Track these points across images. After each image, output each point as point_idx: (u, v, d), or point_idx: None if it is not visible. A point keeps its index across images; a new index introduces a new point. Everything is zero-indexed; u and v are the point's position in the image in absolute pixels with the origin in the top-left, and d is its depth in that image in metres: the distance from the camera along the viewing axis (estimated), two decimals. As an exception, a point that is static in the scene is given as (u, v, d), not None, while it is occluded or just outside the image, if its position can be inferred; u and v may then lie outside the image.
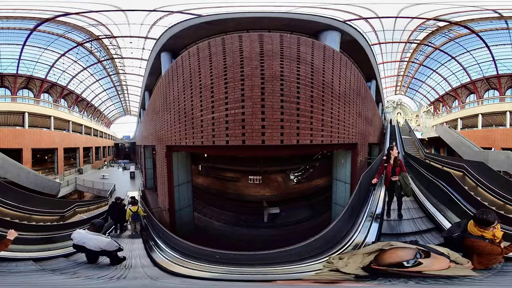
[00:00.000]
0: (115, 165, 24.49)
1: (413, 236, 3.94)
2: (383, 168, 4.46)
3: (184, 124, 5.69)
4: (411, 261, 2.11)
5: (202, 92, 4.75)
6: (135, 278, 3.43)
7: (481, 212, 2.40)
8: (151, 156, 13.06)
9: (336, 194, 6.60)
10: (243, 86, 4.18)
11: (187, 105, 5.42)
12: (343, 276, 2.40)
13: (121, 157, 27.75)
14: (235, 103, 4.21)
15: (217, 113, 4.44)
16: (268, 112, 4.19)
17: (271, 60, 4.25)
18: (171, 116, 6.53)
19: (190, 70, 5.18)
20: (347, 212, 3.40)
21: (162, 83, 7.29)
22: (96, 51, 18.47)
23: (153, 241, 5.41)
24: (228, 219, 7.59)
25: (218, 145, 4.49)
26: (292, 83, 4.39)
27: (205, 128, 4.72)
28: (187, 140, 5.65)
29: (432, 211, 4.54)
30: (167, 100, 6.84)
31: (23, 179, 11.35)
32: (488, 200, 5.91)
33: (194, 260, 3.88)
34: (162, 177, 7.71)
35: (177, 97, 6.01)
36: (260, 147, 4.23)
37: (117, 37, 16.44)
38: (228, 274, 3.37)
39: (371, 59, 9.77)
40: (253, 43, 4.25)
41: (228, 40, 4.32)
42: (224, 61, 4.38)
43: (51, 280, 3.03)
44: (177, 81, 5.98)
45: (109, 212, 8.54)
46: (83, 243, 3.59)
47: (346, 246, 3.22)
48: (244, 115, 4.16)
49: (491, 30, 14.65)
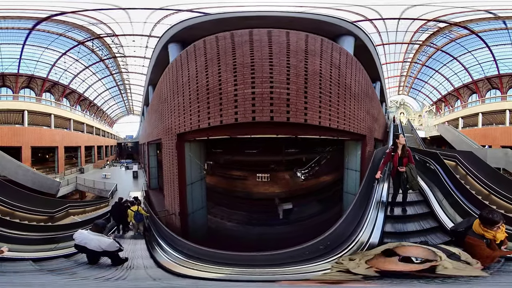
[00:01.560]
0: (118, 165, 24.03)
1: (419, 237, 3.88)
2: (388, 159, 4.17)
3: (206, 102, 5.01)
4: (419, 259, 2.15)
5: (237, 69, 4.92)
6: (135, 279, 3.34)
7: (487, 211, 2.38)
8: (155, 154, 12.41)
9: (347, 183, 7.06)
10: (289, 73, 4.84)
11: (213, 81, 4.99)
12: (351, 276, 2.37)
13: (124, 157, 27.16)
14: (281, 83, 4.78)
15: (259, 89, 4.74)
16: (309, 98, 4.98)
17: (313, 58, 5.12)
18: (185, 98, 5.73)
19: (218, 50, 5.09)
20: (355, 205, 3.63)
21: (172, 69, 6.61)
22: (98, 50, 18.06)
23: (158, 246, 5.08)
24: (240, 218, 7.20)
25: (260, 121, 4.72)
26: (327, 81, 5.33)
27: (240, 103, 4.75)
28: (211, 120, 4.92)
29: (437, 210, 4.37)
30: (178, 83, 6.11)
31: (21, 177, 10.91)
32: (476, 189, 6.13)
33: (212, 265, 3.68)
34: (171, 175, 6.79)
35: (194, 76, 5.36)
36: (302, 125, 4.97)
37: (119, 36, 16.13)
38: (239, 275, 3.26)
39: (377, 62, 10.53)
40: (299, 41, 5.05)
41: (276, 33, 4.92)
42: (270, 49, 4.86)
43: (46, 281, 2.94)
44: (194, 62, 5.42)
45: (111, 213, 8.30)
46: (85, 243, 3.53)
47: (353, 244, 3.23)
48: (289, 96, 4.79)
49: (490, 30, 14.60)
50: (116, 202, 8.29)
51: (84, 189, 15.37)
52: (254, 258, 3.48)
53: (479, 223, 2.42)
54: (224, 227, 7.13)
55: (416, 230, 4.09)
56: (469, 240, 2.41)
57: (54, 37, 15.79)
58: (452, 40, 15.88)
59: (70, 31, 15.71)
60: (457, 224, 2.85)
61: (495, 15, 13.31)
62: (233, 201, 7.93)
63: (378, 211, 3.74)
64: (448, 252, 2.32)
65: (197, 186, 6.59)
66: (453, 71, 17.63)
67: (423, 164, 6.35)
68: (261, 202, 7.77)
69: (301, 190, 8.45)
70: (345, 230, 3.44)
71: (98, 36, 16.42)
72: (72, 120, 18.87)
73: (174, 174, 6.45)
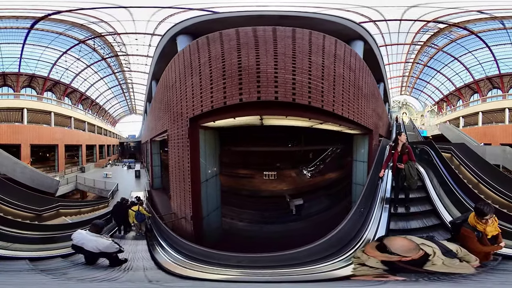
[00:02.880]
0: (120, 164, 23.65)
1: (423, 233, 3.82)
2: (390, 157, 4.24)
3: (237, 78, 4.73)
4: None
5: (278, 57, 5.07)
6: (133, 280, 3.26)
7: (480, 203, 2.44)
8: (159, 152, 11.79)
9: (356, 174, 7.45)
10: (323, 71, 5.36)
11: (248, 62, 4.83)
12: (372, 270, 2.33)
13: (126, 156, 26.78)
14: (317, 78, 5.23)
15: (299, 77, 5.05)
16: (336, 93, 5.60)
17: (340, 62, 5.78)
18: (203, 77, 5.19)
19: (257, 38, 5.04)
20: (361, 203, 3.71)
21: (184, 54, 5.90)
22: (100, 48, 17.73)
23: (160, 247, 4.89)
24: (251, 217, 6.91)
25: (298, 103, 4.97)
26: (347, 82, 6.01)
27: (280, 84, 4.83)
28: (244, 96, 4.59)
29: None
30: (193, 65, 5.52)
31: (19, 174, 10.45)
32: (467, 178, 6.64)
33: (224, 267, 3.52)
34: (180, 171, 5.86)
35: (220, 55, 5.01)
36: (330, 113, 5.47)
37: (121, 34, 15.86)
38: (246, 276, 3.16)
39: (381, 65, 11.21)
40: (331, 45, 5.62)
41: (299, 33, 5.24)
42: (293, 46, 5.12)
43: (39, 281, 2.86)
44: (220, 45, 5.07)
45: (113, 213, 8.00)
46: (82, 244, 3.44)
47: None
48: (323, 89, 5.33)
49: (489, 30, 14.58)
50: (118, 202, 8.03)
51: (84, 189, 14.81)
52: (258, 259, 3.39)
53: (474, 215, 2.47)
54: (236, 227, 6.80)
55: (419, 227, 4.10)
56: (463, 232, 2.45)
57: (54, 36, 15.51)
58: (453, 40, 15.85)
59: (70, 30, 15.43)
60: (457, 217, 2.94)
61: (490, 15, 13.30)
62: (242, 199, 7.63)
63: (382, 209, 3.84)
64: (445, 248, 2.31)
65: (212, 183, 5.82)
66: (455, 71, 17.61)
67: (421, 150, 7.34)
68: (270, 200, 7.60)
69: (309, 187, 8.47)
70: (351, 229, 3.48)
71: (100, 35, 16.14)
72: (73, 118, 18.32)
73: (185, 170, 5.54)
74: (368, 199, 4.03)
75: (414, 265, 2.19)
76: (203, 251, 3.94)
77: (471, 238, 2.37)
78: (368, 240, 3.28)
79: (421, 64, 18.32)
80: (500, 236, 2.47)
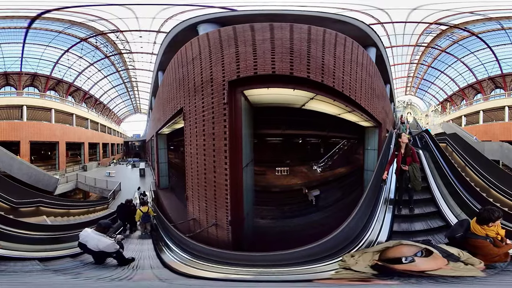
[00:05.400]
0: (124, 163, 23.01)
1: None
2: (393, 159, 4.16)
3: (271, 52, 4.32)
4: (409, 258, 2.08)
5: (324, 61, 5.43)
6: (142, 279, 3.22)
7: (484, 210, 2.34)
8: (165, 147, 10.51)
9: (367, 161, 8.34)
10: (362, 72, 6.78)
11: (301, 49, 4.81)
12: (357, 274, 2.27)
13: (131, 156, 26.21)
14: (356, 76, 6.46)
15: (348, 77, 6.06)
16: (363, 88, 6.64)
17: (369, 66, 7.30)
18: (245, 47, 4.39)
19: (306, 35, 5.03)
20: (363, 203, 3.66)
21: (216, 33, 4.97)
22: (102, 46, 17.25)
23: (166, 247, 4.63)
24: (271, 214, 6.51)
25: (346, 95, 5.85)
26: (368, 84, 7.04)
27: None
28: (283, 69, 4.17)
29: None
30: (229, 38, 4.74)
31: (16, 171, 9.90)
32: (457, 162, 7.64)
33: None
34: (209, 156, 4.11)
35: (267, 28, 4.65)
36: (358, 105, 6.36)
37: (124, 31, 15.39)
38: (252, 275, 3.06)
39: (388, 68, 12.05)
40: (365, 53, 7.03)
41: (329, 34, 5.36)
42: (322, 48, 5.21)
43: (50, 281, 2.86)
44: (251, 31, 4.65)
45: (117, 212, 7.74)
46: (86, 242, 3.44)
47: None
48: (362, 85, 6.71)
49: (488, 31, 14.50)
50: (121, 203, 7.68)
51: (85, 188, 13.90)
52: (264, 258, 3.27)
53: (475, 222, 2.35)
54: (258, 225, 6.12)
55: (423, 229, 4.01)
56: (474, 243, 2.31)
57: (54, 34, 15.09)
58: (455, 42, 15.79)
59: (69, 28, 15.03)
60: (451, 230, 2.73)
61: (484, 16, 13.22)
62: (257, 196, 6.93)
63: (386, 211, 3.83)
64: (446, 252, 2.24)
65: (249, 171, 4.66)
66: (458, 71, 17.56)
67: (420, 138, 9.19)
68: (285, 194, 7.45)
69: (321, 179, 8.70)
70: (353, 230, 3.36)
71: (101, 33, 15.70)
72: (74, 115, 17.52)
73: (219, 151, 3.99)
74: (371, 201, 3.91)
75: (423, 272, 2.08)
76: (212, 251, 3.75)
77: (487, 246, 2.27)
78: (371, 241, 3.19)
79: (425, 65, 18.29)
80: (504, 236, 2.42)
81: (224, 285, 3.06)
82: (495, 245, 2.28)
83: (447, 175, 5.03)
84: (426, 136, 8.46)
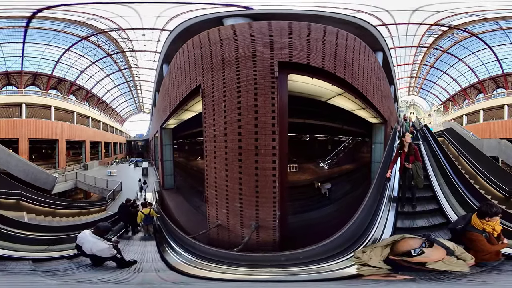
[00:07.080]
0: (126, 162, 22.25)
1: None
2: (397, 157, 4.29)
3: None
4: (417, 250, 2.12)
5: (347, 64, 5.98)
6: (142, 282, 3.06)
7: (484, 204, 2.37)
8: (171, 143, 9.21)
9: (375, 153, 8.92)
10: (374, 75, 7.44)
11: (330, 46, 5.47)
12: (376, 270, 2.29)
13: (134, 155, 25.67)
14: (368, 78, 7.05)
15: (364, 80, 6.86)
16: (374, 90, 7.29)
17: (379, 71, 8.03)
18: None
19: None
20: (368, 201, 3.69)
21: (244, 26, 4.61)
22: (104, 45, 16.90)
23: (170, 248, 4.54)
24: (290, 209, 6.32)
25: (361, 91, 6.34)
26: (378, 88, 7.63)
27: None
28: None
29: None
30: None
31: (13, 167, 9.49)
32: (452, 153, 8.40)
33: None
34: (246, 140, 3.28)
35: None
36: (369, 101, 6.99)
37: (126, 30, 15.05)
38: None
39: (392, 70, 12.09)
40: (377, 59, 7.89)
41: (352, 39, 6.08)
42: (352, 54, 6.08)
43: (42, 283, 2.71)
44: None
45: (118, 213, 7.38)
46: (82, 243, 3.32)
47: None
48: (374, 85, 7.44)
49: (488, 32, 14.42)
50: (122, 203, 7.37)
51: (84, 187, 13.20)
52: (272, 258, 3.18)
53: (476, 217, 2.36)
54: None
55: (425, 226, 4.05)
56: (470, 236, 2.33)
57: (53, 33, 14.83)
58: (456, 42, 15.75)
59: (69, 27, 14.72)
60: (454, 222, 2.78)
61: (480, 16, 13.13)
62: None
63: (389, 208, 3.85)
64: (442, 246, 2.27)
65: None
66: (460, 72, 17.54)
67: (420, 131, 10.44)
68: (297, 190, 7.31)
69: (329, 174, 8.99)
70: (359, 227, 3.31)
71: (102, 31, 15.38)
72: (75, 113, 16.92)
73: (267, 127, 3.04)
74: (375, 198, 3.94)
75: (421, 265, 2.12)
76: (217, 252, 3.63)
77: (481, 241, 2.27)
78: (376, 238, 3.16)
79: (428, 66, 18.29)
80: (501, 234, 2.41)
81: (234, 286, 2.95)
82: (489, 241, 2.29)
83: (449, 174, 5.07)
84: (425, 130, 9.83)
